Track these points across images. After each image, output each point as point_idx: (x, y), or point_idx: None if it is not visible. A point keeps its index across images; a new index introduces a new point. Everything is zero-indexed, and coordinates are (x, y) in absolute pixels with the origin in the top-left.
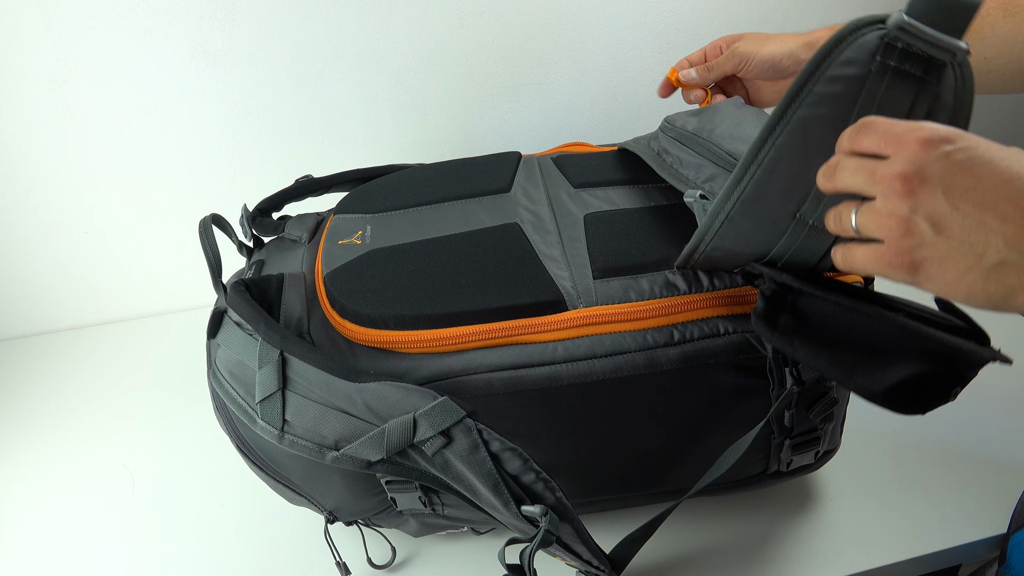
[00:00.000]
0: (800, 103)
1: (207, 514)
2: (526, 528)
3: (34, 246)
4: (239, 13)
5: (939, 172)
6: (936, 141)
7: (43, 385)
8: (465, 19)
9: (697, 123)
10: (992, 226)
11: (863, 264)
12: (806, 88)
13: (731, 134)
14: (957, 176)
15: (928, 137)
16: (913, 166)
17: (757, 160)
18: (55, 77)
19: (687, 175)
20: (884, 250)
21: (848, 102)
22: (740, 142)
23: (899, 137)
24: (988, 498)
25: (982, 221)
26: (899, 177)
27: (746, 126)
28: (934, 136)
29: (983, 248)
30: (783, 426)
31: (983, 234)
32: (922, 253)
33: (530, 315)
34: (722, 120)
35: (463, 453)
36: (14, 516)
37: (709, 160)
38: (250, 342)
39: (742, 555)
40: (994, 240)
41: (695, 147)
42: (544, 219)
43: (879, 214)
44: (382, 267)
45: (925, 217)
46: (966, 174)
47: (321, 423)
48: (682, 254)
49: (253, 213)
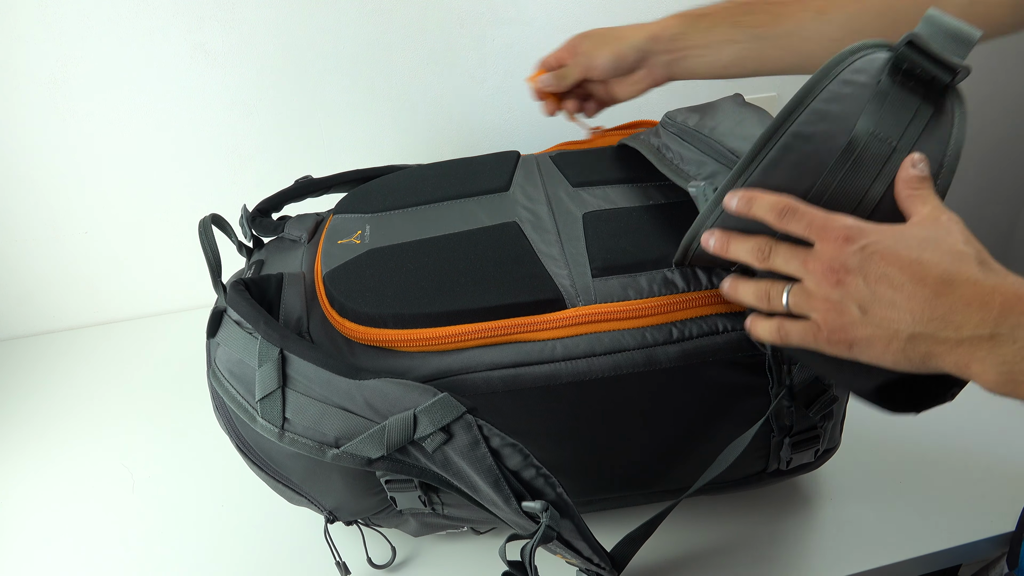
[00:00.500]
0: (806, 106)
1: (207, 514)
2: (527, 524)
3: (34, 246)
4: (239, 13)
5: (858, 263)
6: (851, 238)
7: (43, 385)
8: (465, 19)
9: (698, 119)
10: (902, 304)
11: (800, 339)
12: (814, 92)
13: (733, 132)
14: (872, 265)
15: (846, 235)
16: (839, 260)
17: (759, 157)
18: (55, 77)
19: (688, 171)
20: (820, 330)
21: (851, 114)
22: (743, 140)
23: (822, 229)
24: (988, 498)
25: (894, 301)
26: (829, 269)
27: (747, 124)
28: (850, 233)
29: (898, 324)
30: (783, 424)
31: (896, 312)
32: (854, 332)
33: (529, 313)
34: (724, 117)
35: (463, 449)
36: (14, 516)
37: (710, 157)
38: (250, 340)
39: (742, 554)
40: (905, 317)
41: (696, 143)
42: (543, 218)
43: (813, 298)
44: (381, 266)
45: (854, 302)
46: (879, 263)
47: (321, 420)
48: (680, 246)
49: (253, 213)
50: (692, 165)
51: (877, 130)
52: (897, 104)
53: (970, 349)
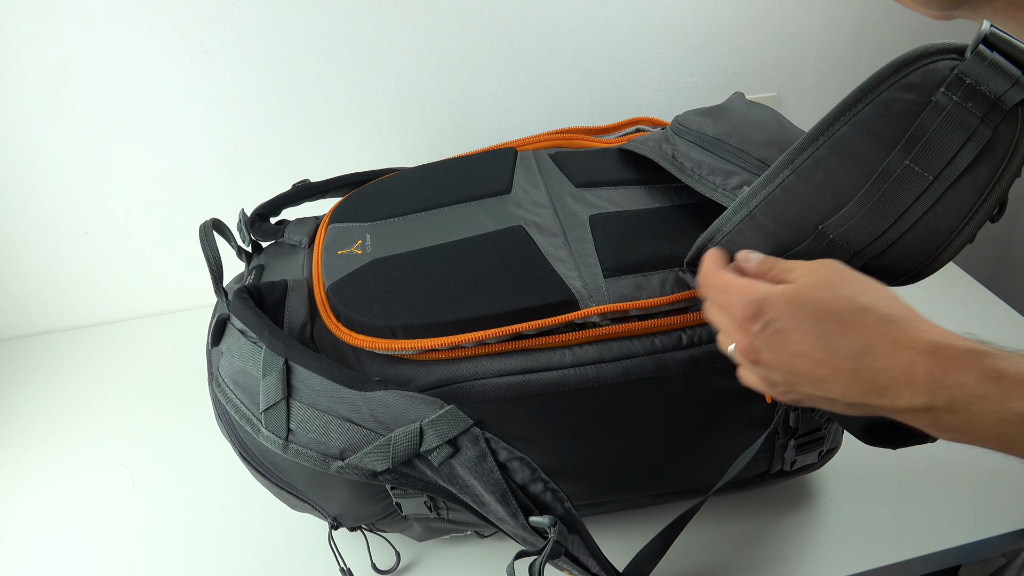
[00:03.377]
0: (848, 119)
1: (208, 516)
2: (534, 540)
3: (34, 246)
4: (239, 13)
5: (763, 344)
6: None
7: (43, 385)
8: (465, 19)
9: (714, 125)
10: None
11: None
12: (859, 105)
13: (753, 137)
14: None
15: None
16: (746, 343)
17: (792, 165)
18: (55, 77)
19: (714, 180)
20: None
21: (899, 129)
22: (773, 148)
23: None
24: (988, 498)
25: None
26: (743, 352)
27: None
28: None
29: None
30: (788, 426)
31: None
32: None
33: (543, 316)
34: (739, 120)
35: (470, 463)
36: (14, 515)
37: (739, 166)
38: (254, 350)
39: (743, 554)
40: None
41: (721, 152)
42: (548, 221)
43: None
44: (387, 277)
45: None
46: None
47: (326, 432)
48: (695, 246)
49: (252, 218)
50: (719, 175)
51: (915, 162)
52: (949, 127)
53: (912, 417)
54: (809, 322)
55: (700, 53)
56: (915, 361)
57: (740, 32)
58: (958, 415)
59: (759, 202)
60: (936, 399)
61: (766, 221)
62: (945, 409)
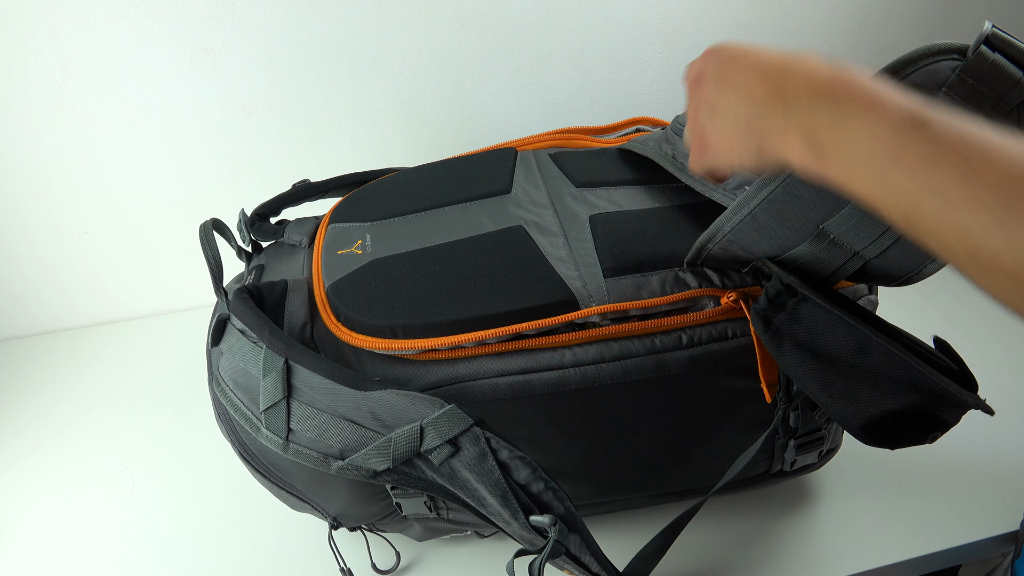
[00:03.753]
0: None
1: (208, 516)
2: (534, 539)
3: (35, 246)
4: (239, 13)
5: (712, 70)
6: (712, 51)
7: (43, 385)
8: (465, 19)
9: None
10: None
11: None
12: None
13: None
14: (722, 70)
15: (708, 49)
16: (696, 71)
17: None
18: (55, 77)
19: None
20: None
21: None
22: None
23: None
24: (988, 498)
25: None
26: (689, 81)
27: None
28: (712, 47)
29: (736, 113)
30: (787, 426)
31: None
32: (706, 133)
33: (543, 316)
34: None
35: (471, 462)
36: (14, 515)
37: None
38: (254, 350)
39: (742, 555)
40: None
41: None
42: (548, 221)
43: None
44: (387, 276)
45: (705, 106)
46: (727, 66)
47: (326, 432)
48: (695, 246)
49: (252, 218)
50: None
51: None
52: None
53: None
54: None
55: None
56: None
57: (740, 32)
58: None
59: (760, 201)
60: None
61: (767, 220)
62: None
